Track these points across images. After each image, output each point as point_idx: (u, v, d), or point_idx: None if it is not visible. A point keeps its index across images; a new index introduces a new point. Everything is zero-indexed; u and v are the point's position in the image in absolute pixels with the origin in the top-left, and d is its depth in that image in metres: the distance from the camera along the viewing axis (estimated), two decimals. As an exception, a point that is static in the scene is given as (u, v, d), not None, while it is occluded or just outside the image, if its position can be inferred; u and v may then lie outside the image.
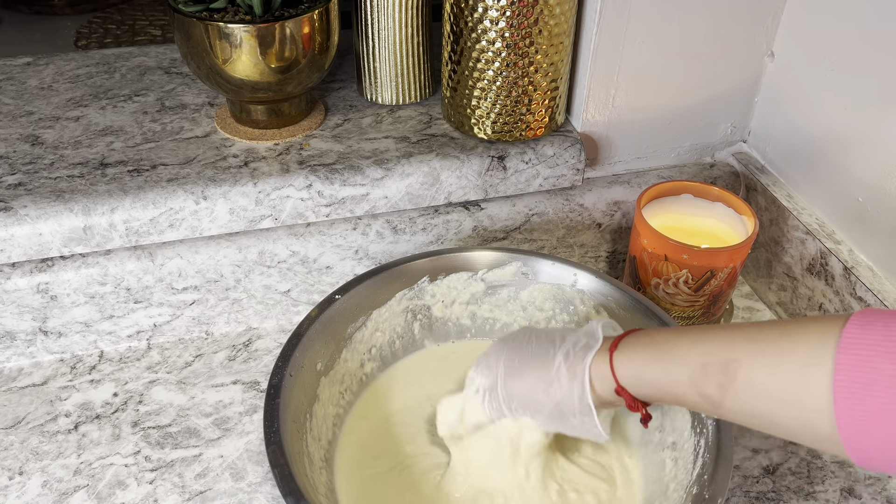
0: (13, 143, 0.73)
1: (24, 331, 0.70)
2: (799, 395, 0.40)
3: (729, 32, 0.75)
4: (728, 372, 0.43)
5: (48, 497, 0.60)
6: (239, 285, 0.73)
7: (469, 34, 0.69)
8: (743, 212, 0.71)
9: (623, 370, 0.49)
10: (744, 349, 0.43)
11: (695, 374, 0.45)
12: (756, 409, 0.43)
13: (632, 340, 0.50)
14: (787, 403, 0.41)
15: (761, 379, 0.42)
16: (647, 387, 0.48)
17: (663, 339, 0.48)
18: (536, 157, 0.74)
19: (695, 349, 0.45)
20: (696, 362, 0.45)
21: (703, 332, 0.47)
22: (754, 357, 0.42)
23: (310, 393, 0.59)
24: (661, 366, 0.47)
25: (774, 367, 0.41)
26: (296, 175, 0.70)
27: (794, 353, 0.40)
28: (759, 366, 0.42)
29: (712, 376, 0.44)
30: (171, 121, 0.77)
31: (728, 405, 0.44)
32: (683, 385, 0.45)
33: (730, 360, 0.43)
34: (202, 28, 0.66)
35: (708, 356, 0.44)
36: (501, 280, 0.68)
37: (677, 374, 0.46)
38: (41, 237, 0.66)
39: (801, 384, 0.40)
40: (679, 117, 0.79)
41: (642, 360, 0.48)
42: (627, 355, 0.49)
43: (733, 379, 0.43)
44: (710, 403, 0.44)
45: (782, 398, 0.41)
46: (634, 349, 0.49)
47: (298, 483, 0.50)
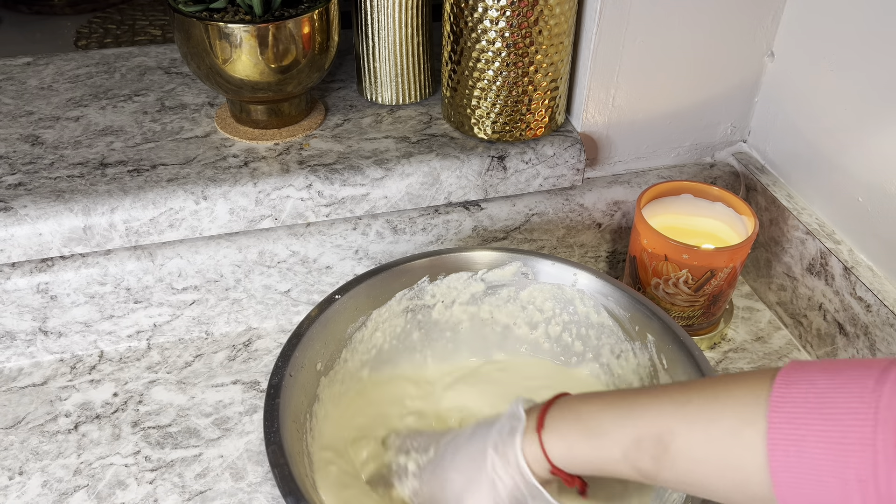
0: (13, 143, 0.73)
1: (24, 331, 0.70)
2: (733, 458, 0.40)
3: (729, 32, 0.75)
4: (661, 443, 0.43)
5: (48, 497, 0.60)
6: (239, 285, 0.73)
7: (469, 34, 0.69)
8: (743, 212, 0.71)
9: (554, 450, 0.48)
10: (675, 418, 0.43)
11: (628, 449, 0.44)
12: (692, 477, 0.43)
13: (557, 417, 0.48)
14: (722, 467, 0.41)
15: (695, 445, 0.42)
16: (579, 465, 0.47)
17: (589, 414, 0.47)
18: (536, 157, 0.74)
19: (625, 423, 0.45)
20: (627, 437, 0.44)
21: (631, 403, 0.46)
22: (687, 425, 0.42)
23: (310, 393, 0.59)
24: (592, 444, 0.46)
25: (708, 433, 0.41)
26: (296, 175, 0.70)
27: (725, 416, 0.41)
28: (692, 433, 0.42)
29: (646, 449, 0.43)
30: (171, 121, 0.77)
31: (664, 476, 0.43)
32: (617, 462, 0.45)
33: (663, 430, 0.43)
34: (202, 28, 0.66)
35: (639, 429, 0.44)
36: (501, 280, 0.68)
37: (610, 452, 0.45)
38: (41, 237, 0.66)
39: (734, 445, 0.40)
40: (679, 117, 0.79)
41: (572, 438, 0.47)
42: (557, 435, 0.48)
43: (666, 449, 0.43)
44: (645, 476, 0.44)
45: (718, 463, 0.41)
46: (561, 426, 0.48)
47: (298, 483, 0.50)
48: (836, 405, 0.37)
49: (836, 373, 0.38)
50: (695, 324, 0.73)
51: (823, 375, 0.38)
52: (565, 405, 0.49)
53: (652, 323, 0.62)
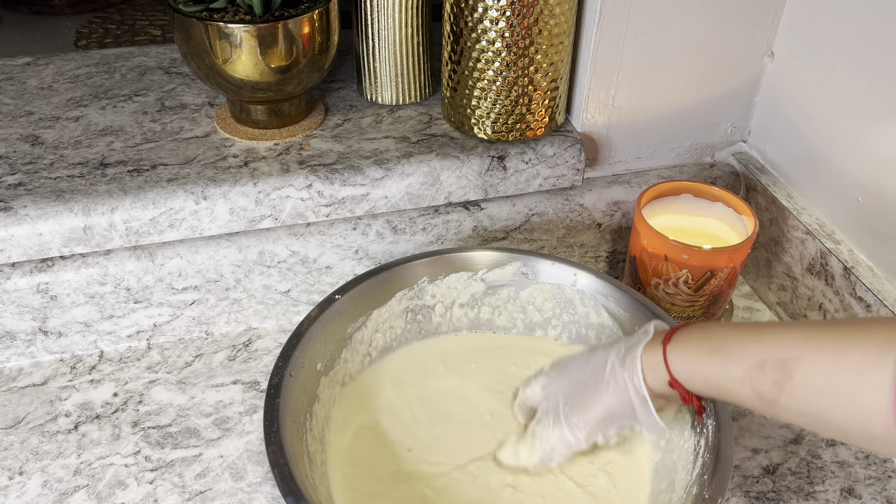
0: (13, 143, 0.73)
1: (24, 331, 0.70)
2: (858, 395, 0.40)
3: (729, 32, 0.75)
4: (785, 369, 0.43)
5: (48, 497, 0.60)
6: (239, 285, 0.73)
7: (469, 34, 0.69)
8: (743, 212, 0.71)
9: (676, 362, 0.48)
10: (802, 348, 0.43)
11: (750, 370, 0.44)
12: (810, 407, 0.42)
13: (685, 334, 0.50)
14: (844, 403, 0.41)
15: (819, 378, 0.42)
16: (699, 381, 0.48)
17: (718, 335, 0.48)
18: (536, 157, 0.74)
19: (751, 346, 0.45)
20: (752, 359, 0.45)
21: (759, 328, 0.47)
22: (813, 356, 0.42)
23: (310, 393, 0.59)
24: (715, 361, 0.47)
25: (834, 367, 0.41)
26: (296, 175, 0.70)
27: (854, 354, 0.41)
28: (818, 365, 0.42)
29: (769, 373, 0.44)
30: (171, 121, 0.77)
31: (782, 403, 0.43)
32: (737, 381, 0.45)
33: (787, 357, 0.43)
34: (202, 28, 0.66)
35: (765, 353, 0.44)
36: (501, 280, 0.68)
37: (732, 370, 0.45)
38: (41, 237, 0.66)
39: (860, 385, 0.40)
40: (679, 117, 0.79)
41: (696, 353, 0.48)
42: (681, 348, 0.49)
43: (790, 377, 0.43)
44: (763, 401, 0.44)
45: (840, 397, 0.41)
46: (688, 342, 0.49)
47: (298, 483, 0.50)
48: None
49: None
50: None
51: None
52: (696, 327, 0.50)
53: None
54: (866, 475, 0.63)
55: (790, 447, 0.65)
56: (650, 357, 0.50)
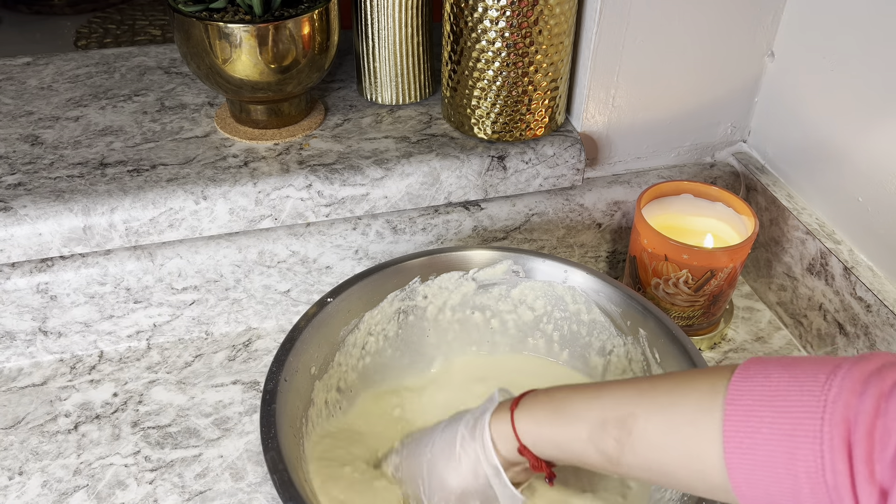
0: (13, 143, 0.73)
1: (24, 331, 0.70)
2: (691, 445, 0.41)
3: (729, 32, 0.75)
4: (625, 426, 0.44)
5: (48, 497, 0.60)
6: (239, 285, 0.73)
7: (469, 34, 0.69)
8: (743, 212, 0.71)
9: (524, 427, 0.48)
10: (638, 402, 0.44)
11: (593, 430, 0.45)
12: (652, 463, 0.43)
13: (531, 398, 0.50)
14: (681, 455, 0.41)
15: (656, 431, 0.43)
16: (547, 445, 0.48)
17: (561, 396, 0.48)
18: (536, 157, 0.74)
19: (592, 405, 0.46)
20: (594, 418, 0.45)
21: (599, 388, 0.47)
22: (648, 408, 0.43)
23: (305, 397, 0.59)
24: (560, 422, 0.47)
25: (668, 418, 0.42)
26: (296, 175, 0.70)
27: (686, 403, 0.42)
28: (653, 417, 0.43)
29: (610, 431, 0.44)
30: (170, 121, 0.77)
31: (626, 460, 0.44)
32: (583, 442, 0.46)
33: (626, 414, 0.44)
34: (202, 28, 0.66)
35: (605, 411, 0.45)
36: (492, 279, 0.68)
37: (577, 431, 0.46)
38: (41, 237, 0.66)
39: (692, 434, 0.41)
40: (679, 117, 0.79)
41: (542, 417, 0.48)
42: (528, 412, 0.49)
43: (629, 433, 0.44)
44: (609, 460, 0.45)
45: (677, 450, 0.42)
46: (533, 406, 0.49)
47: (298, 488, 0.49)
48: (788, 399, 0.38)
49: (792, 368, 0.39)
50: (695, 324, 0.73)
51: (780, 370, 0.39)
52: (542, 392, 0.50)
53: (643, 318, 0.62)
54: (866, 475, 0.63)
55: (790, 447, 0.65)
56: (499, 425, 0.50)
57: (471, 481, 0.51)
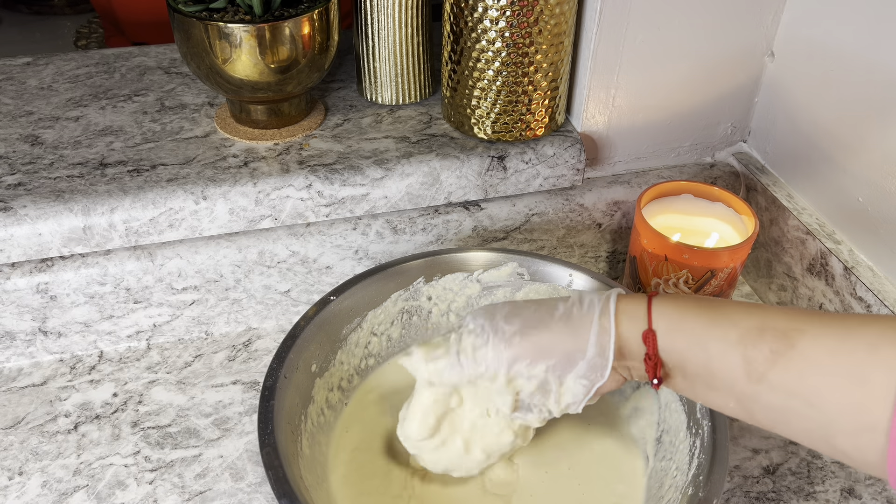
0: (13, 143, 0.73)
1: (24, 331, 0.70)
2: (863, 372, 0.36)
3: (729, 32, 0.75)
4: (787, 338, 0.39)
5: (48, 497, 0.60)
6: (239, 285, 0.73)
7: (469, 34, 0.69)
8: (743, 212, 0.71)
9: (662, 311, 0.43)
10: (808, 321, 0.40)
11: (748, 333, 0.40)
12: (802, 385, 0.38)
13: (673, 295, 0.45)
14: (844, 380, 0.37)
15: (824, 350, 0.38)
16: (681, 338, 0.42)
17: (713, 301, 0.43)
18: (536, 157, 0.74)
19: (751, 312, 0.42)
20: (751, 323, 0.41)
21: (758, 305, 0.43)
22: (820, 329, 0.39)
23: (304, 395, 0.59)
24: (709, 318, 0.42)
25: (842, 340, 0.38)
26: (296, 175, 0.70)
27: (865, 331, 0.37)
28: (824, 337, 0.38)
29: (768, 340, 0.39)
30: (170, 121, 0.77)
31: (772, 376, 0.39)
32: (729, 343, 0.41)
33: (792, 327, 0.39)
34: (202, 28, 0.66)
35: (768, 320, 0.40)
36: (497, 281, 0.68)
37: (726, 331, 0.41)
38: (41, 237, 0.66)
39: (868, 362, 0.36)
40: (679, 117, 0.79)
41: (688, 307, 0.43)
42: (671, 300, 0.44)
43: (791, 346, 0.39)
44: (750, 372, 0.40)
45: (841, 372, 0.37)
46: (678, 298, 0.44)
47: (293, 485, 0.49)
48: None
49: None
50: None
51: None
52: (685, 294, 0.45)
53: None
54: (866, 475, 0.63)
55: (790, 447, 0.65)
56: (629, 304, 0.44)
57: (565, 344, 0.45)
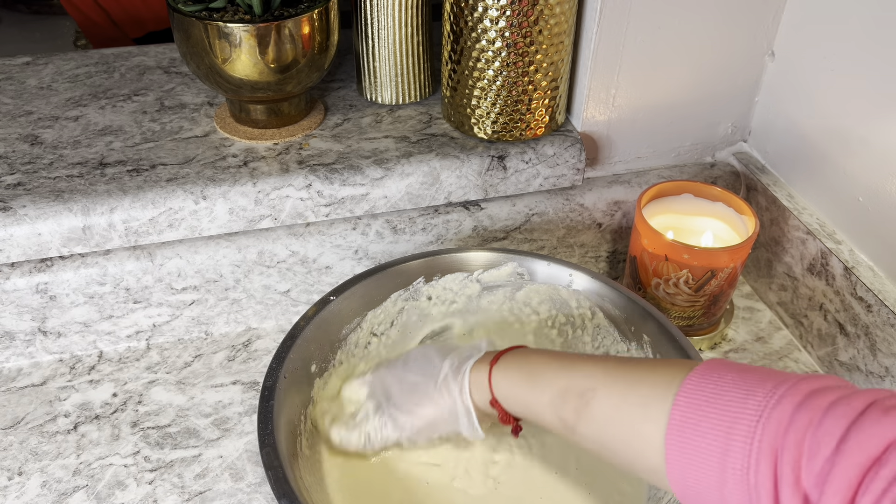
0: (12, 143, 0.73)
1: (24, 331, 0.70)
2: (638, 425, 0.44)
3: (729, 32, 0.75)
4: (584, 398, 0.48)
5: (47, 497, 0.60)
6: (238, 285, 0.73)
7: (469, 34, 0.69)
8: (743, 212, 0.71)
9: (498, 384, 0.53)
10: (601, 380, 0.48)
11: (556, 397, 0.49)
12: (601, 436, 0.47)
13: (509, 358, 0.54)
14: (628, 433, 0.45)
15: (610, 406, 0.46)
16: (515, 403, 0.52)
17: (535, 362, 0.53)
18: (536, 157, 0.74)
19: (560, 375, 0.50)
20: (557, 387, 0.49)
21: (571, 360, 0.51)
22: (608, 387, 0.47)
23: (304, 395, 0.59)
24: (529, 386, 0.51)
25: (623, 398, 0.46)
26: (295, 175, 0.70)
27: (642, 388, 0.45)
28: (610, 394, 0.47)
29: (570, 401, 0.48)
30: (170, 120, 0.77)
31: (580, 429, 0.48)
32: (544, 406, 0.50)
33: (588, 387, 0.48)
34: (201, 27, 0.66)
35: (571, 381, 0.49)
36: (497, 281, 0.68)
37: (542, 396, 0.50)
38: (40, 237, 0.66)
39: (641, 416, 0.44)
40: (679, 117, 0.79)
41: (515, 378, 0.53)
42: (503, 372, 0.53)
43: (587, 405, 0.47)
44: (565, 426, 0.49)
45: (625, 428, 0.45)
46: (509, 367, 0.53)
47: (293, 485, 0.49)
48: (733, 400, 0.40)
49: (746, 374, 0.42)
50: (695, 324, 0.73)
51: (734, 374, 0.42)
52: (520, 353, 0.55)
53: (648, 323, 0.62)
54: (867, 475, 0.63)
55: (790, 447, 0.65)
56: (478, 375, 0.54)
57: (443, 415, 0.56)
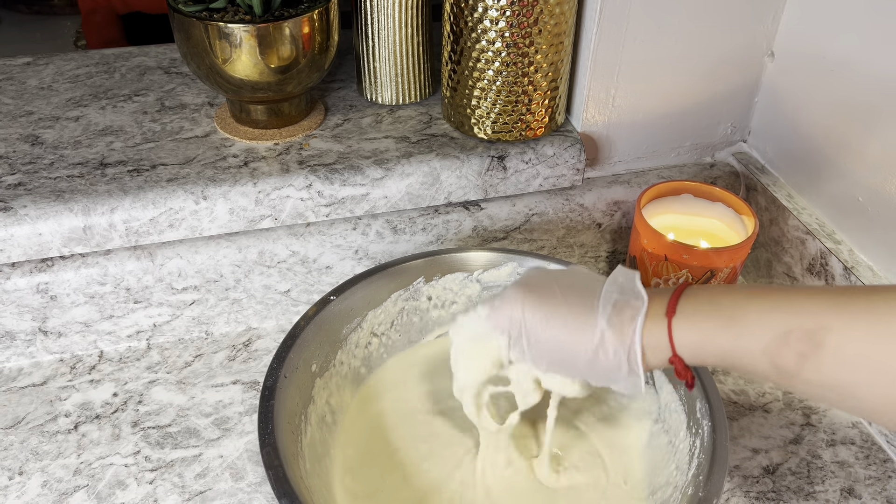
0: (13, 143, 0.73)
1: (24, 331, 0.70)
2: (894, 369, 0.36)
3: (729, 32, 0.75)
4: (814, 340, 0.39)
5: (48, 497, 0.60)
6: (239, 285, 0.73)
7: (469, 34, 0.69)
8: (743, 212, 0.71)
9: (684, 338, 0.43)
10: (834, 315, 0.39)
11: (772, 343, 0.40)
12: (839, 379, 0.38)
13: (692, 303, 0.44)
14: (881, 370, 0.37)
15: (855, 344, 0.38)
16: (708, 355, 0.43)
17: (729, 303, 0.43)
18: (536, 157, 0.74)
19: (772, 314, 0.41)
20: (774, 330, 0.40)
21: (778, 294, 0.42)
22: (848, 323, 0.38)
23: (305, 394, 0.59)
24: (730, 334, 0.42)
25: (872, 331, 0.37)
26: (296, 175, 0.70)
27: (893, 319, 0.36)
28: (853, 331, 0.38)
29: (793, 345, 0.39)
30: (170, 121, 0.77)
31: (804, 376, 0.39)
32: (755, 354, 0.41)
33: (817, 326, 0.39)
34: (202, 28, 0.66)
35: (789, 322, 0.40)
36: (497, 281, 0.68)
37: (750, 344, 0.41)
38: (41, 237, 0.66)
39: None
40: (679, 117, 0.79)
41: (707, 327, 0.43)
42: (689, 322, 0.43)
43: (819, 347, 0.38)
44: (781, 375, 0.40)
45: (878, 363, 0.37)
46: (696, 314, 0.44)
47: (293, 485, 0.49)
48: None
49: None
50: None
51: None
52: (702, 293, 0.44)
53: None
54: (866, 475, 0.63)
55: (790, 447, 0.65)
56: (653, 334, 0.44)
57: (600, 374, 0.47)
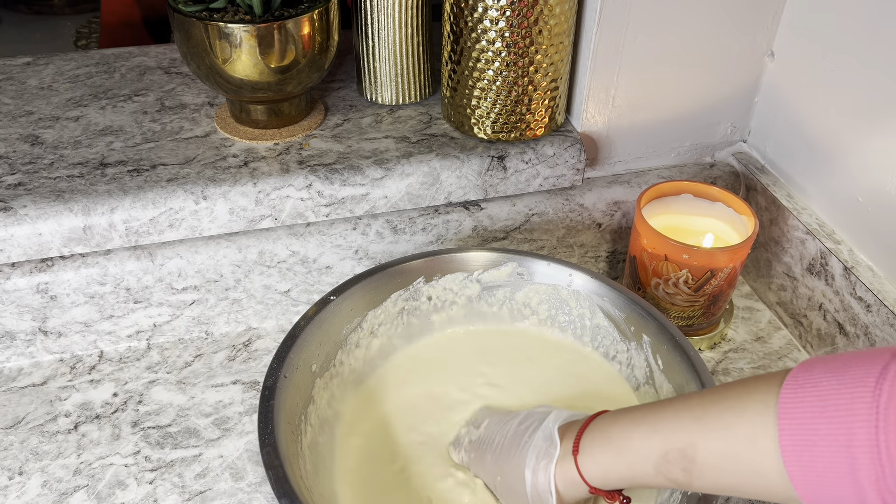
0: (13, 143, 0.73)
1: (24, 331, 0.70)
2: (753, 465, 0.42)
3: (729, 32, 0.75)
4: (687, 456, 0.45)
5: (48, 497, 0.60)
6: (239, 285, 0.73)
7: (469, 34, 0.69)
8: (743, 212, 0.71)
9: (590, 473, 0.50)
10: (694, 431, 0.45)
11: (658, 465, 0.47)
12: (721, 483, 0.45)
13: (589, 439, 0.51)
14: (745, 474, 0.43)
15: (717, 457, 0.44)
16: (617, 482, 0.50)
17: (618, 435, 0.50)
18: (536, 157, 0.74)
19: (651, 438, 0.47)
20: (655, 453, 0.47)
21: (655, 419, 0.48)
22: (706, 437, 0.45)
23: (305, 394, 0.59)
24: (624, 463, 0.49)
25: (726, 443, 0.43)
26: (296, 175, 0.70)
27: (740, 426, 0.43)
28: (711, 444, 0.44)
29: (675, 463, 0.46)
30: (170, 121, 0.77)
31: (696, 484, 0.46)
32: (650, 475, 0.47)
33: (685, 444, 0.45)
34: (202, 28, 0.66)
35: (665, 444, 0.46)
36: (497, 281, 0.68)
37: (643, 469, 0.48)
38: (41, 237, 0.66)
39: (753, 455, 0.42)
40: (679, 117, 0.79)
41: (605, 460, 0.50)
42: (590, 458, 0.51)
43: (693, 462, 0.45)
44: (679, 484, 0.46)
45: (740, 471, 0.43)
46: (593, 449, 0.51)
47: (293, 485, 0.49)
48: (839, 408, 0.38)
49: (840, 373, 0.39)
50: (695, 324, 0.73)
51: (828, 377, 0.40)
52: (596, 429, 0.51)
53: (647, 323, 0.62)
54: (866, 475, 0.63)
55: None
56: (566, 474, 0.52)
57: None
